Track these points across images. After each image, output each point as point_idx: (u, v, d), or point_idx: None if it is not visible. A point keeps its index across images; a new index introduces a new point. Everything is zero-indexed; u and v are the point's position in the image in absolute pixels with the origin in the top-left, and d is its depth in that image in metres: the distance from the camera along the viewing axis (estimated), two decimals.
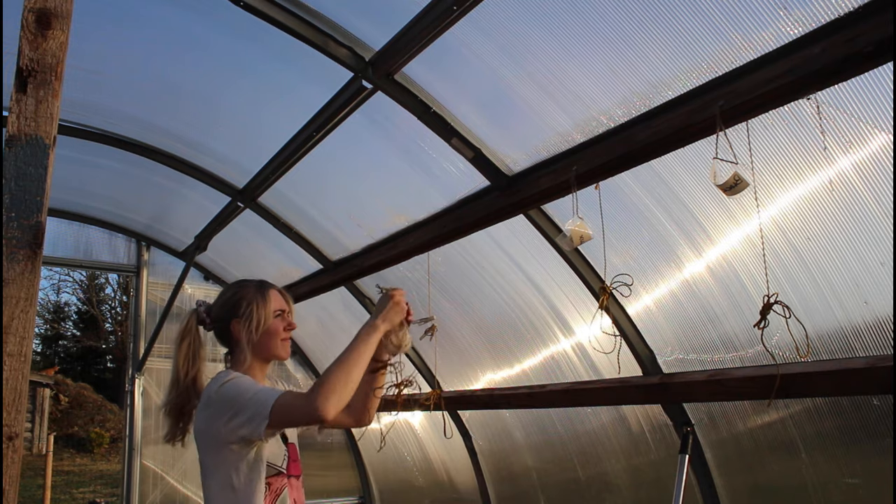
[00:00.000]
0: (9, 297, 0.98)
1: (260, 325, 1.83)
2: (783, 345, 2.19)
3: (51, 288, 20.31)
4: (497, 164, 2.67)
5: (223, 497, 1.70)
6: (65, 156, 3.92)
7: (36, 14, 1.05)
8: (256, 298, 1.86)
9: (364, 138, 3.22)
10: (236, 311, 1.86)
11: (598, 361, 3.07)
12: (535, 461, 3.80)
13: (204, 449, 1.75)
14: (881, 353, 2.06)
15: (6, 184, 1.00)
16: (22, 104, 1.02)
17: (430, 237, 3.09)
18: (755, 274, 2.30)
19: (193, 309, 1.95)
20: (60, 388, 16.15)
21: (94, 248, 5.52)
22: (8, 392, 0.97)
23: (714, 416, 2.68)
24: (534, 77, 2.39)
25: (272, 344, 1.86)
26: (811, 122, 1.87)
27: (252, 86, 3.28)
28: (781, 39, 1.72)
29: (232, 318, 1.86)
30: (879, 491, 2.21)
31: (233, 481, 1.69)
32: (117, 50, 3.18)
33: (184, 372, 1.86)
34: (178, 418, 1.87)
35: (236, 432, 1.65)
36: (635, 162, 2.15)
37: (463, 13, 2.13)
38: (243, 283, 1.95)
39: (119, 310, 20.18)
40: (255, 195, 3.86)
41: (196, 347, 1.89)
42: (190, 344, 1.89)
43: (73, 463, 14.22)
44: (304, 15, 2.52)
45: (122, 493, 5.29)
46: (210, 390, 1.74)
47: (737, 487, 2.69)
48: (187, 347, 1.88)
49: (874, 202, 1.92)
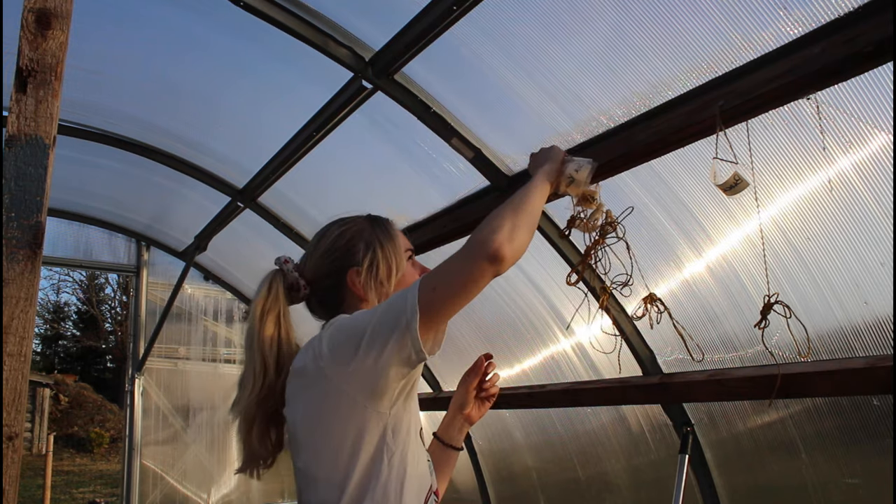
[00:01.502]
0: (9, 297, 0.98)
1: (392, 273, 1.34)
2: (783, 345, 2.19)
3: (51, 288, 20.33)
4: (497, 164, 2.67)
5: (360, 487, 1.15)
6: (65, 156, 3.92)
7: (36, 14, 1.05)
8: (378, 236, 1.37)
9: (364, 138, 3.22)
10: (352, 258, 1.34)
11: (598, 361, 3.07)
12: (535, 461, 3.80)
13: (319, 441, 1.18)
14: (881, 353, 2.05)
15: (6, 184, 1.00)
16: (22, 104, 1.02)
17: (430, 237, 3.08)
18: (755, 274, 2.29)
19: (274, 270, 1.37)
20: (60, 388, 16.15)
21: (93, 248, 5.52)
22: (8, 392, 0.97)
23: (714, 416, 2.68)
24: (534, 77, 2.39)
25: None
26: (811, 122, 1.87)
27: (252, 86, 3.28)
28: (781, 39, 1.72)
29: (349, 268, 1.33)
30: (879, 491, 2.21)
31: (381, 459, 1.15)
32: (117, 50, 3.18)
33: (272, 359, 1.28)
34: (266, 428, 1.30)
35: (376, 363, 1.12)
36: (635, 162, 2.15)
37: (463, 13, 2.13)
38: (349, 219, 1.41)
39: (119, 310, 20.19)
40: (255, 195, 3.86)
41: (288, 324, 1.33)
42: (279, 318, 1.31)
43: (73, 463, 14.22)
44: (304, 15, 2.52)
45: (122, 493, 5.29)
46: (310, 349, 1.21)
47: (737, 487, 2.69)
48: (274, 325, 1.30)
49: (874, 202, 1.92)
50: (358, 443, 1.15)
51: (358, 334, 1.14)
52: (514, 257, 1.16)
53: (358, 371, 1.13)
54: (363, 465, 1.15)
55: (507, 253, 1.13)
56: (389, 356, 1.11)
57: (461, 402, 1.51)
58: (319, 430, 1.18)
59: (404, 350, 1.11)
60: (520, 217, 1.22)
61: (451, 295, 1.13)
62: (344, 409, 1.16)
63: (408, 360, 1.12)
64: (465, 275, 1.13)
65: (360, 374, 1.13)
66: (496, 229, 1.16)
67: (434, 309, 1.12)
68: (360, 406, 1.15)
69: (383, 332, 1.12)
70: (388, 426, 1.16)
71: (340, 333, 1.19)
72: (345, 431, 1.16)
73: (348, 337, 1.16)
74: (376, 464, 1.15)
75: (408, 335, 1.10)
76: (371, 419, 1.15)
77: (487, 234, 1.15)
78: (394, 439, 1.16)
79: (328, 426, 1.17)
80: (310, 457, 1.19)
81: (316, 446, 1.19)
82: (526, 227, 1.21)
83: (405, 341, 1.10)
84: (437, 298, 1.12)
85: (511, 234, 1.16)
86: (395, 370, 1.13)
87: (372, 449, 1.15)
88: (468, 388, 1.51)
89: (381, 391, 1.14)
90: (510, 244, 1.15)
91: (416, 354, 1.11)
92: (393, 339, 1.11)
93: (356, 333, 1.15)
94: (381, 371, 1.12)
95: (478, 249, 1.14)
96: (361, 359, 1.13)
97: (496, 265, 1.13)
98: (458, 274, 1.13)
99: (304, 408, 1.20)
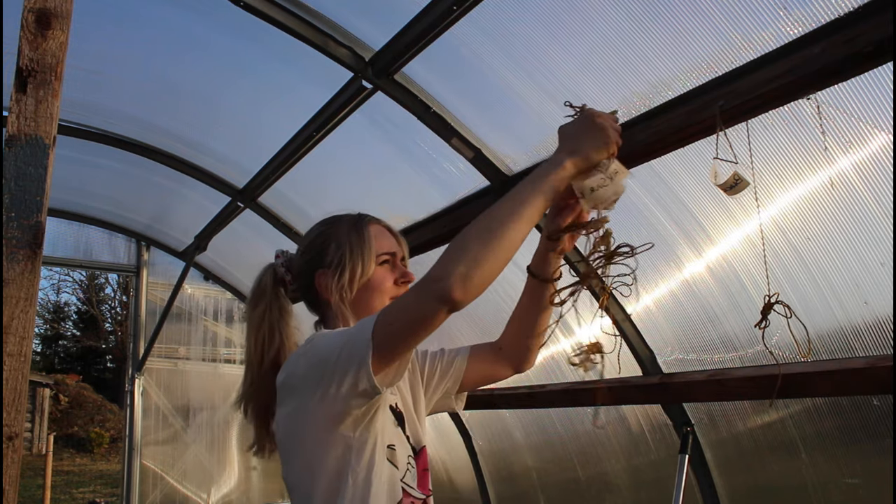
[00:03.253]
0: (9, 297, 0.98)
1: (356, 277, 1.28)
2: (783, 345, 2.19)
3: (51, 288, 20.34)
4: (497, 164, 2.67)
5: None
6: (65, 156, 3.92)
7: (36, 14, 1.05)
8: (350, 238, 1.31)
9: (364, 138, 3.22)
10: (322, 259, 1.31)
11: None
12: (535, 461, 3.80)
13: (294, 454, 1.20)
14: (881, 353, 2.05)
15: (6, 184, 1.00)
16: (22, 104, 1.02)
17: (429, 237, 3.09)
18: (755, 274, 2.29)
19: (270, 264, 1.39)
20: (60, 388, 16.15)
21: (93, 248, 5.52)
22: (8, 392, 0.97)
23: (714, 416, 2.68)
24: (534, 77, 2.39)
25: (377, 304, 1.29)
26: (811, 122, 1.87)
27: (252, 86, 3.28)
28: (781, 39, 1.72)
29: (316, 269, 1.31)
30: (879, 491, 2.21)
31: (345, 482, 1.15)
32: (117, 50, 3.18)
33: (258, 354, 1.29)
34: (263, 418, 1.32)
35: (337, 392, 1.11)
36: (635, 162, 2.14)
37: (463, 13, 2.13)
38: (333, 219, 1.39)
39: (119, 310, 20.19)
40: (255, 195, 3.86)
41: (274, 318, 1.31)
42: (265, 312, 1.31)
43: (73, 463, 14.22)
44: (303, 15, 2.52)
45: (122, 493, 5.29)
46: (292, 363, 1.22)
47: (737, 487, 2.69)
48: (261, 318, 1.31)
49: (874, 202, 1.92)
50: (323, 460, 1.15)
51: (323, 362, 1.14)
52: (473, 295, 1.03)
53: (324, 396, 1.13)
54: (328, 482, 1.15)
55: (459, 295, 1.01)
56: (348, 388, 1.10)
57: (552, 238, 1.31)
58: (293, 442, 1.19)
59: (361, 383, 1.09)
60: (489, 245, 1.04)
61: (405, 332, 1.07)
62: (311, 427, 1.16)
63: (364, 393, 1.10)
64: (416, 312, 1.06)
65: (325, 399, 1.13)
66: (452, 263, 1.03)
67: (389, 345, 1.08)
68: (324, 427, 1.15)
69: (342, 364, 1.10)
70: (353, 448, 1.16)
71: (313, 355, 1.18)
72: (313, 448, 1.17)
73: (319, 361, 1.15)
74: (342, 482, 1.15)
75: (363, 370, 1.08)
76: (335, 440, 1.16)
77: (440, 268, 1.04)
78: (357, 460, 1.16)
79: (300, 439, 1.18)
80: (287, 467, 1.22)
81: (290, 457, 1.20)
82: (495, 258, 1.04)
83: (360, 375, 1.09)
84: (391, 333, 1.08)
85: (469, 270, 1.02)
86: (354, 400, 1.12)
87: (337, 466, 1.15)
88: (559, 225, 1.28)
89: (342, 417, 1.14)
90: (464, 284, 1.01)
91: (371, 389, 1.09)
92: (350, 373, 1.09)
93: (323, 360, 1.14)
94: (342, 400, 1.12)
95: (428, 287, 1.04)
96: (325, 386, 1.12)
97: (447, 305, 1.03)
98: (411, 311, 1.07)
99: (282, 419, 1.21)
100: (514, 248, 1.07)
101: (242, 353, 1.37)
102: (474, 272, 1.02)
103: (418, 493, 1.26)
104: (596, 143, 1.13)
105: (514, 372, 1.47)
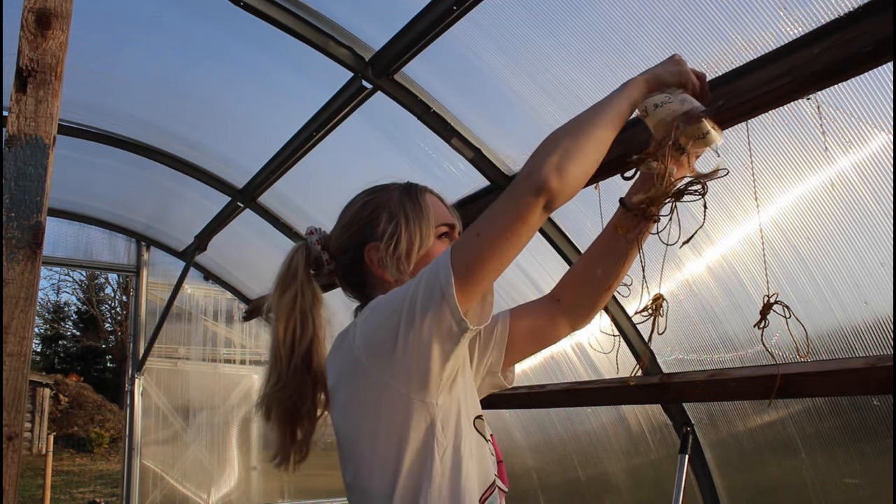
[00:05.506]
0: (9, 297, 0.98)
1: (414, 249, 1.14)
2: (783, 345, 2.19)
3: (51, 288, 20.34)
4: (497, 164, 2.67)
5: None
6: (65, 156, 3.92)
7: (36, 14, 1.05)
8: (404, 206, 1.17)
9: (364, 138, 3.22)
10: (372, 231, 1.17)
11: (597, 361, 3.07)
12: (535, 461, 3.80)
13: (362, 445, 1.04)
14: (881, 353, 2.06)
15: (6, 184, 1.00)
16: (22, 104, 1.02)
17: None
18: (755, 274, 2.30)
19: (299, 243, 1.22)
20: (60, 388, 16.16)
21: (93, 248, 5.51)
22: (8, 392, 0.97)
23: (714, 416, 2.68)
24: (534, 77, 2.39)
25: None
26: (811, 122, 1.87)
27: (252, 86, 3.28)
28: (781, 39, 1.72)
29: (366, 243, 1.16)
30: (879, 491, 2.21)
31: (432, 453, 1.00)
32: (117, 50, 3.18)
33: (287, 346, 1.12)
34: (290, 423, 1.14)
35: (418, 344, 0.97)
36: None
37: (463, 13, 2.13)
38: (379, 188, 1.24)
39: (119, 310, 20.18)
40: (255, 195, 3.86)
41: (307, 303, 1.14)
42: (296, 297, 1.14)
43: (73, 463, 14.22)
44: (303, 15, 2.52)
45: (122, 493, 5.29)
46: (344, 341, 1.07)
47: (737, 487, 2.69)
48: (291, 304, 1.13)
49: (874, 202, 1.92)
50: (404, 441, 1.00)
51: (394, 316, 0.98)
52: (569, 187, 0.97)
53: (400, 358, 0.98)
54: (413, 467, 1.00)
55: (555, 184, 0.95)
56: (429, 333, 0.96)
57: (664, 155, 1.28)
58: (363, 434, 1.04)
59: (444, 322, 0.95)
60: (579, 139, 1.01)
61: (492, 245, 0.95)
62: (388, 407, 1.01)
63: (449, 334, 0.96)
64: (509, 214, 0.95)
65: (401, 360, 0.98)
66: (545, 155, 0.98)
67: (472, 268, 0.95)
68: (403, 398, 0.99)
69: (419, 307, 0.96)
70: (437, 419, 1.01)
71: (376, 317, 1.03)
72: (389, 432, 1.01)
73: (385, 320, 1.00)
74: (427, 462, 1.00)
75: (444, 304, 0.95)
76: (417, 412, 1.00)
77: (531, 164, 0.98)
78: (443, 433, 1.01)
79: (373, 429, 1.02)
80: (356, 467, 1.05)
81: (361, 454, 1.04)
82: (585, 152, 1.00)
83: (443, 311, 0.95)
84: (477, 248, 0.95)
85: (562, 160, 0.97)
86: (437, 349, 0.97)
87: (420, 446, 1.00)
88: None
89: (425, 377, 0.98)
90: (559, 173, 0.96)
91: (456, 325, 0.95)
92: (430, 313, 0.95)
93: (392, 315, 0.99)
94: (423, 353, 0.97)
95: (520, 184, 0.97)
96: (402, 343, 0.97)
97: (545, 196, 0.95)
98: (502, 215, 0.96)
99: (345, 411, 1.06)
100: (602, 147, 1.04)
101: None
102: (567, 162, 0.98)
103: (502, 483, 1.13)
104: (668, 68, 1.19)
105: (570, 330, 1.32)
